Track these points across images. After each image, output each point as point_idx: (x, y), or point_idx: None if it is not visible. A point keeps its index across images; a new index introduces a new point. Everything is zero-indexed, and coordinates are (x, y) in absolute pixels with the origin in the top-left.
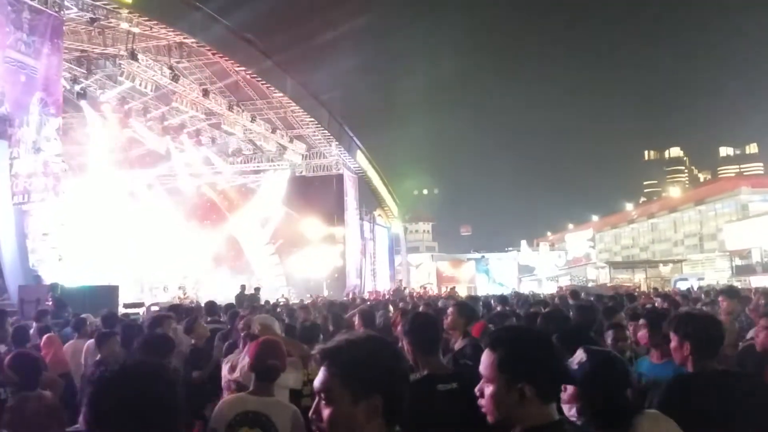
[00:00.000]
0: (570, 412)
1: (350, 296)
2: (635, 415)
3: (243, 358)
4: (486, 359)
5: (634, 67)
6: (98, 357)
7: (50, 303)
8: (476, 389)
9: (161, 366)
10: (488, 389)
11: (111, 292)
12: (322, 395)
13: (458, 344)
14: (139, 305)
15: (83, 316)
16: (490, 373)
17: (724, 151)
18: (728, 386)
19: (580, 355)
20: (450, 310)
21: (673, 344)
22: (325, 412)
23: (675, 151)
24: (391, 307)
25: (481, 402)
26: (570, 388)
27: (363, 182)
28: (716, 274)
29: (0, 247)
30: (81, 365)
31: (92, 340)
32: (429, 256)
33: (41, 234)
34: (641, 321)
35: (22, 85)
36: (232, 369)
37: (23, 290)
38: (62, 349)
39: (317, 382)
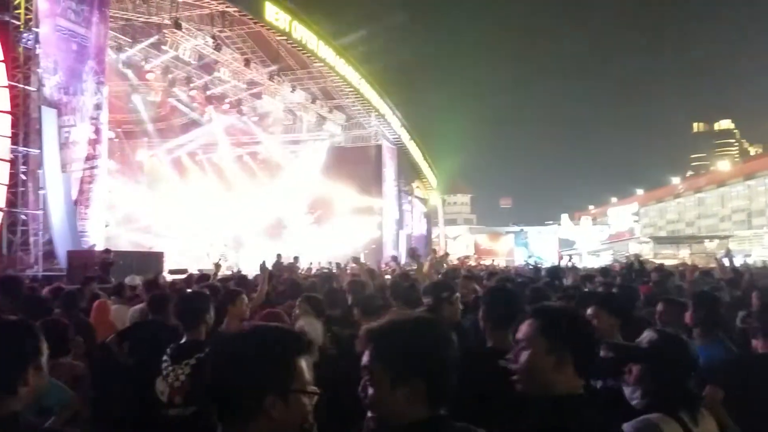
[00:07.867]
0: (633, 394)
1: (388, 267)
2: (699, 406)
3: None
4: (527, 326)
5: (685, 35)
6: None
7: (97, 269)
8: (511, 354)
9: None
10: (525, 353)
11: (156, 258)
12: (367, 375)
13: None
14: (183, 271)
15: (126, 280)
16: (530, 338)
17: None
18: None
19: (649, 335)
20: None
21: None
22: (369, 392)
23: (725, 124)
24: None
25: (514, 368)
26: (635, 369)
27: (402, 153)
28: (764, 250)
29: (50, 214)
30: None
31: (138, 306)
32: (467, 229)
33: (90, 200)
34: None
35: (74, 53)
36: None
37: (72, 255)
38: (110, 315)
39: (364, 361)
